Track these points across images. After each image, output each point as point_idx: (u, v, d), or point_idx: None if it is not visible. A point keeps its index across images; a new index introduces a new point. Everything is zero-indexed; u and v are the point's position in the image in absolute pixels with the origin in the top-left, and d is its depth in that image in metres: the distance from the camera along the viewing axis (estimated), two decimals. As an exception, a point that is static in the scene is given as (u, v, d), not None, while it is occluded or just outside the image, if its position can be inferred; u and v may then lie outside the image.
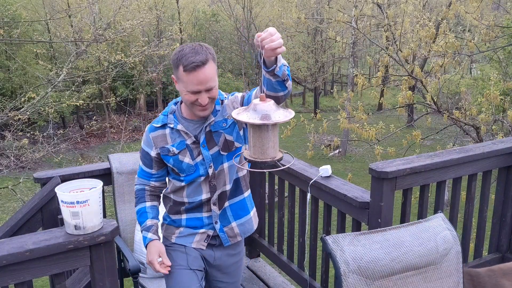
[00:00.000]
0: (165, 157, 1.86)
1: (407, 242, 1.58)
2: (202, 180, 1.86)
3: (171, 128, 1.85)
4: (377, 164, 2.13)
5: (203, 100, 1.70)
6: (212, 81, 1.70)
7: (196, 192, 1.88)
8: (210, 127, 1.83)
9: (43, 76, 11.24)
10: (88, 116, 22.49)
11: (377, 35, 16.48)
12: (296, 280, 2.84)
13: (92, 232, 1.60)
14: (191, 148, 1.83)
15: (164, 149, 1.86)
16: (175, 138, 1.85)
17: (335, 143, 8.53)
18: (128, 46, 15.76)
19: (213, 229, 1.93)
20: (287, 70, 1.56)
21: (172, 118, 1.85)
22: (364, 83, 7.16)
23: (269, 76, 1.54)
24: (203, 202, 1.90)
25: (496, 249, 2.74)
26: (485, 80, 11.87)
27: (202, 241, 1.94)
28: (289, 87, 1.62)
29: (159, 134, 1.87)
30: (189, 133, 1.83)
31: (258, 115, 1.27)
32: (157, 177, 1.95)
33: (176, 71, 1.70)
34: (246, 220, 2.00)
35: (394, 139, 10.98)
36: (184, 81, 1.68)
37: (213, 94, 1.73)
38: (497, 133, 6.66)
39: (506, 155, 2.54)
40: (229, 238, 1.96)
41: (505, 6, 11.69)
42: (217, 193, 1.88)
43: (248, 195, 2.02)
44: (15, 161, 8.83)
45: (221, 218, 1.93)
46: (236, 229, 1.97)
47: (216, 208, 1.90)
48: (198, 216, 1.92)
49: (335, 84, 28.45)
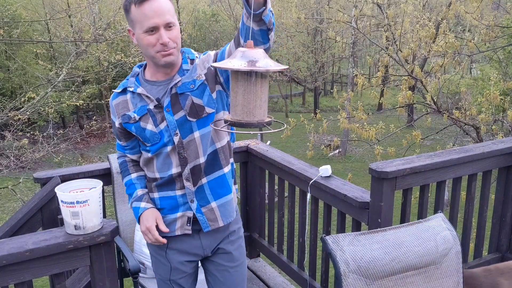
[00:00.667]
0: (127, 125, 1.70)
1: (407, 242, 1.58)
2: (169, 151, 1.66)
3: (132, 92, 1.67)
4: (377, 164, 2.13)
5: (164, 38, 1.52)
6: (170, 15, 1.53)
7: (166, 165, 1.68)
8: (176, 88, 1.63)
9: (43, 76, 11.24)
10: (88, 116, 22.48)
11: (377, 35, 16.47)
12: (296, 280, 2.84)
13: (92, 232, 1.60)
14: (154, 113, 1.64)
15: (125, 117, 1.69)
16: (136, 103, 1.67)
17: (335, 143, 8.53)
18: (128, 46, 15.74)
19: (190, 210, 1.72)
20: (272, 17, 1.36)
21: (133, 81, 1.68)
22: (364, 83, 7.16)
23: (252, 22, 1.32)
24: (174, 177, 1.69)
25: (496, 249, 2.74)
26: (485, 80, 11.87)
27: (185, 225, 1.73)
28: (271, 39, 1.41)
29: (120, 100, 1.71)
30: (150, 96, 1.64)
31: (245, 61, 1.06)
32: (129, 149, 1.80)
33: (129, 14, 1.54)
34: (228, 201, 1.77)
35: (394, 139, 10.99)
36: (139, 20, 1.52)
37: (174, 34, 1.56)
38: (497, 133, 6.66)
39: (506, 155, 2.54)
40: (208, 222, 1.73)
41: (505, 6, 11.68)
42: (188, 166, 1.66)
43: (229, 171, 1.77)
44: (15, 161, 8.83)
45: (197, 197, 1.71)
46: (217, 211, 1.73)
47: (189, 185, 1.69)
48: (171, 194, 1.72)
49: (335, 84, 28.46)
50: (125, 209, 2.68)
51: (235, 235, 1.85)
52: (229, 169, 1.77)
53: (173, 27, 1.55)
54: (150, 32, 1.52)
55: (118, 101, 1.71)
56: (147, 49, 1.56)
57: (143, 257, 2.56)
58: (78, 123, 20.90)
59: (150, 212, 1.72)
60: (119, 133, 1.76)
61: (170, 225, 1.74)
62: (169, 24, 1.53)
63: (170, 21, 1.53)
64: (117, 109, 1.71)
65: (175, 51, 1.58)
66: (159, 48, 1.54)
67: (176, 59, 1.60)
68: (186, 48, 1.71)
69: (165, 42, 1.53)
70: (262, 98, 1.13)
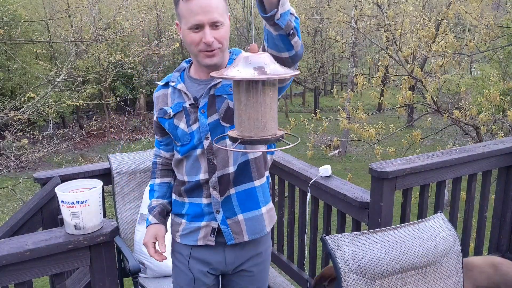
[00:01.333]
0: (161, 120, 1.64)
1: (407, 242, 1.58)
2: (198, 154, 1.58)
3: (173, 87, 1.62)
4: (377, 164, 2.13)
5: (207, 37, 1.43)
6: (218, 13, 1.44)
7: (194, 169, 1.60)
8: (215, 90, 1.54)
9: (43, 76, 11.25)
10: (88, 116, 22.47)
11: (377, 35, 16.47)
12: (296, 280, 2.84)
13: (92, 232, 1.60)
14: (188, 112, 1.57)
15: (161, 111, 1.63)
16: (174, 99, 1.61)
17: (335, 143, 8.54)
18: (128, 46, 15.75)
19: (215, 220, 1.63)
20: (294, 22, 1.19)
21: (177, 76, 1.63)
22: (364, 83, 7.17)
23: (268, 26, 1.19)
24: (201, 184, 1.60)
25: (496, 249, 2.74)
26: (485, 80, 11.87)
27: (209, 236, 1.64)
28: (296, 46, 1.24)
29: (161, 93, 1.66)
30: (188, 94, 1.57)
31: (250, 68, 0.92)
32: (164, 146, 1.75)
33: (177, 8, 1.48)
34: (256, 216, 1.65)
35: (394, 139, 10.99)
36: (185, 15, 1.45)
37: (221, 34, 1.46)
38: (497, 133, 6.66)
39: (506, 155, 2.54)
40: (233, 235, 1.63)
41: (505, 6, 11.68)
42: (216, 174, 1.57)
43: (261, 185, 1.65)
44: (15, 161, 8.83)
45: (224, 207, 1.61)
46: (243, 224, 1.62)
47: (216, 194, 1.59)
48: (198, 201, 1.64)
49: (335, 84, 28.45)
50: (125, 209, 2.69)
51: (262, 257, 1.73)
52: (262, 183, 1.65)
53: (220, 26, 1.46)
54: (195, 30, 1.45)
55: (159, 94, 1.66)
56: (190, 46, 1.49)
57: (143, 257, 2.55)
58: (78, 123, 20.90)
59: (152, 228, 1.69)
60: (156, 127, 1.71)
61: (193, 234, 1.67)
62: (216, 23, 1.44)
63: (217, 19, 1.44)
64: (157, 102, 1.66)
65: (219, 52, 1.49)
66: (202, 47, 1.47)
67: (220, 61, 1.51)
68: (235, 49, 1.63)
69: (209, 41, 1.44)
70: (273, 108, 0.99)
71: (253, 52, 0.97)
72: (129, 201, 2.68)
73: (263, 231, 1.68)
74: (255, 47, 0.97)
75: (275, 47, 1.24)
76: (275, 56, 1.20)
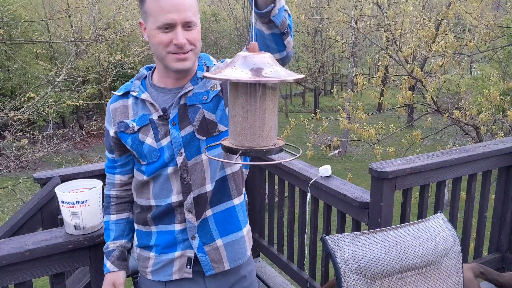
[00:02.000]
0: (122, 136, 1.41)
1: (407, 242, 1.58)
2: (170, 173, 1.37)
3: (135, 97, 1.40)
4: (377, 164, 2.13)
5: (179, 38, 1.26)
6: (192, 12, 1.27)
7: (164, 191, 1.39)
8: (186, 99, 1.36)
9: (43, 76, 11.25)
10: (88, 116, 22.47)
11: (377, 35, 16.47)
12: (296, 280, 2.84)
13: (92, 232, 1.60)
14: (156, 125, 1.36)
15: (121, 125, 1.40)
16: (137, 111, 1.39)
17: (335, 143, 8.54)
18: (128, 46, 15.75)
19: (191, 248, 1.42)
20: (288, 19, 1.10)
21: (138, 85, 1.41)
22: (364, 83, 7.17)
23: (261, 24, 1.08)
24: (173, 207, 1.40)
25: (496, 249, 2.74)
26: (485, 80, 11.88)
27: (185, 268, 1.43)
28: (289, 46, 1.15)
29: (119, 105, 1.42)
30: (155, 105, 1.36)
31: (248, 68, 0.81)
32: (121, 167, 1.49)
33: (143, 4, 1.29)
34: (237, 240, 1.47)
35: (394, 139, 10.99)
36: (154, 13, 1.26)
37: (194, 35, 1.29)
38: (497, 133, 6.66)
39: (506, 155, 2.54)
40: (212, 264, 1.43)
41: (505, 6, 11.68)
42: (192, 194, 1.38)
43: (240, 203, 1.48)
44: (15, 161, 8.83)
45: (200, 232, 1.41)
46: (223, 250, 1.44)
47: (192, 217, 1.39)
48: (169, 229, 1.42)
49: (335, 84, 28.47)
50: (125, 209, 2.68)
51: (247, 280, 1.55)
52: (241, 201, 1.48)
53: (193, 27, 1.29)
54: (165, 30, 1.27)
55: (117, 105, 1.43)
56: (158, 48, 1.30)
57: (143, 257, 2.55)
58: (78, 123, 20.90)
59: (110, 276, 1.50)
60: (113, 144, 1.46)
61: (165, 267, 1.45)
62: (189, 23, 1.28)
63: (190, 19, 1.27)
64: (114, 114, 1.43)
65: (191, 56, 1.32)
66: (172, 49, 1.29)
67: (191, 65, 1.34)
68: (203, 54, 1.46)
69: (181, 43, 1.27)
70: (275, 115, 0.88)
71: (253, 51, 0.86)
72: (129, 201, 2.68)
73: (245, 255, 1.51)
74: (256, 45, 0.87)
75: (265, 48, 1.13)
76: None
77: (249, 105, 0.86)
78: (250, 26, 1.04)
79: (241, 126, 0.87)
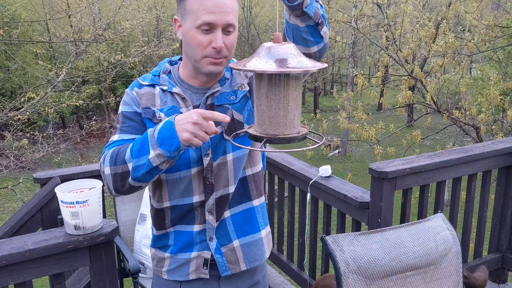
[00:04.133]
0: (146, 121, 1.30)
1: (407, 242, 1.58)
2: (193, 174, 1.32)
3: (163, 90, 1.33)
4: (377, 164, 2.13)
5: (219, 41, 1.20)
6: (234, 16, 1.22)
7: (185, 191, 1.34)
8: (213, 99, 1.31)
9: (43, 76, 11.25)
10: (88, 116, 22.47)
11: (377, 35, 16.47)
12: (296, 280, 2.84)
13: (92, 232, 1.60)
14: None
15: (148, 111, 1.30)
16: (166, 102, 1.31)
17: (335, 143, 8.54)
18: (128, 46, 15.75)
19: (208, 249, 1.39)
20: (321, 9, 1.10)
21: (166, 79, 1.34)
22: (364, 83, 7.17)
23: (294, 18, 1.08)
24: (194, 207, 1.35)
25: (496, 249, 2.74)
26: (485, 80, 11.88)
27: (201, 268, 1.40)
28: (326, 37, 1.15)
29: (146, 91, 1.33)
30: (187, 99, 1.30)
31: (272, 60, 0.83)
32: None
33: (183, 1, 1.23)
34: (254, 241, 1.44)
35: (394, 139, 10.98)
36: (195, 11, 1.20)
37: (231, 41, 1.24)
38: (497, 133, 6.66)
39: (506, 155, 2.54)
40: (228, 265, 1.40)
41: (505, 6, 11.68)
42: (214, 195, 1.34)
43: (260, 205, 1.45)
44: (15, 161, 8.83)
45: (218, 234, 1.38)
46: (239, 251, 1.41)
47: (212, 219, 1.36)
48: (187, 229, 1.38)
49: (335, 84, 28.48)
50: (125, 209, 2.68)
51: (259, 286, 1.52)
52: (261, 203, 1.45)
53: (232, 31, 1.24)
54: (204, 30, 1.21)
55: (143, 91, 1.32)
56: (195, 49, 1.23)
57: (143, 257, 2.55)
58: (78, 123, 20.90)
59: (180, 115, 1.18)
60: (134, 124, 1.30)
61: (182, 267, 1.41)
62: (229, 27, 1.22)
63: (232, 22, 1.22)
64: (140, 98, 1.31)
65: (225, 62, 1.26)
66: (209, 52, 1.23)
67: (223, 70, 1.30)
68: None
69: (220, 46, 1.21)
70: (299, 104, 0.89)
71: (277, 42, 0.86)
72: (129, 201, 2.68)
73: (262, 258, 1.47)
74: (279, 36, 0.87)
75: (303, 42, 1.12)
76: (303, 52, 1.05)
77: (273, 94, 0.88)
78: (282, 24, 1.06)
79: (265, 115, 0.90)
